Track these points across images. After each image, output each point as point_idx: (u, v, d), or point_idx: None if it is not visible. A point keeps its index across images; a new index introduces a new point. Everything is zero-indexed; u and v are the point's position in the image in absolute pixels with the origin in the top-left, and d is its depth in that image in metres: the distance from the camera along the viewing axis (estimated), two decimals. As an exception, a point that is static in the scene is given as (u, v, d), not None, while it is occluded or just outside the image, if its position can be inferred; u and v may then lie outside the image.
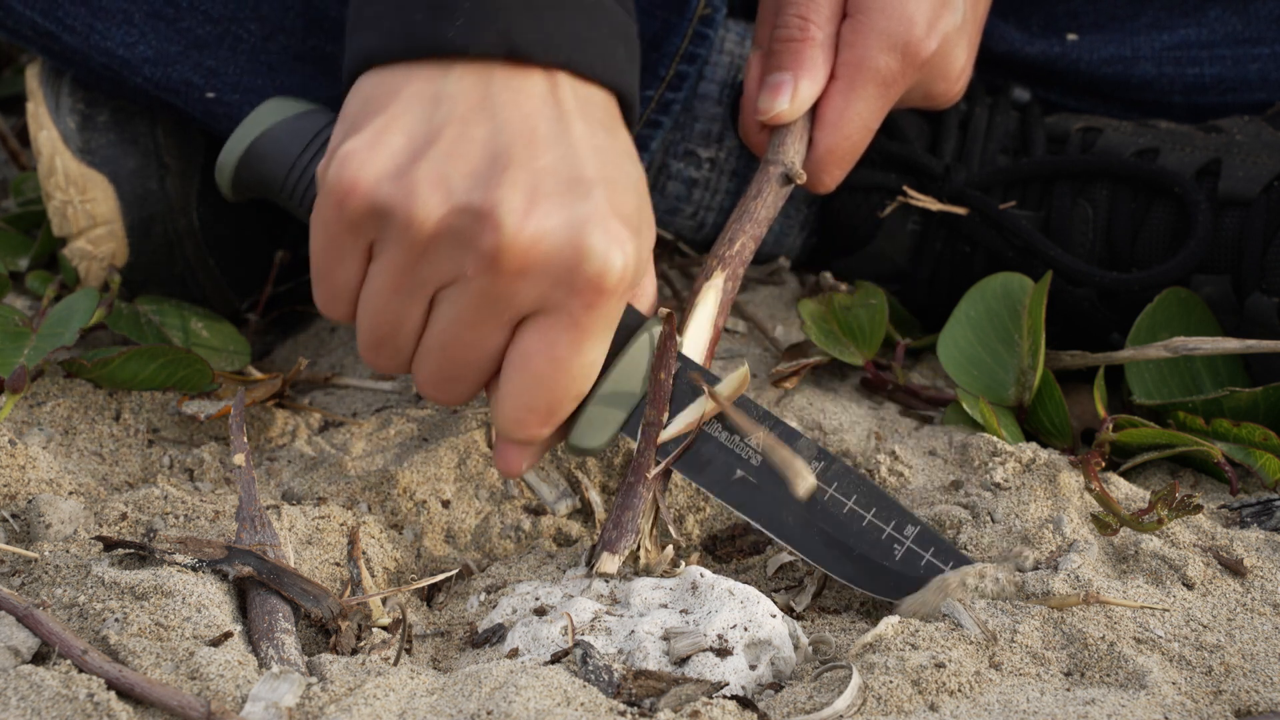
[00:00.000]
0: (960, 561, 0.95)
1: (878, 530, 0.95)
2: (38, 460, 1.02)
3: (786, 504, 0.95)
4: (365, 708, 0.81)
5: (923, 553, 0.95)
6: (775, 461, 0.95)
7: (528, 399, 0.92)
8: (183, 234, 1.25)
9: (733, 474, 0.96)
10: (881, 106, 1.11)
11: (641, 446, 0.96)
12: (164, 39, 1.18)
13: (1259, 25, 1.28)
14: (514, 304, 0.90)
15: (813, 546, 0.95)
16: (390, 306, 0.92)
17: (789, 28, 1.09)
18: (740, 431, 0.96)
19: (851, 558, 0.95)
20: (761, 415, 0.96)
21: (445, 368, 0.93)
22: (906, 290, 1.26)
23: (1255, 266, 1.15)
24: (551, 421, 0.94)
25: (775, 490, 0.95)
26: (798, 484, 0.94)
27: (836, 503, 0.95)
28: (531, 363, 0.91)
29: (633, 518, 0.95)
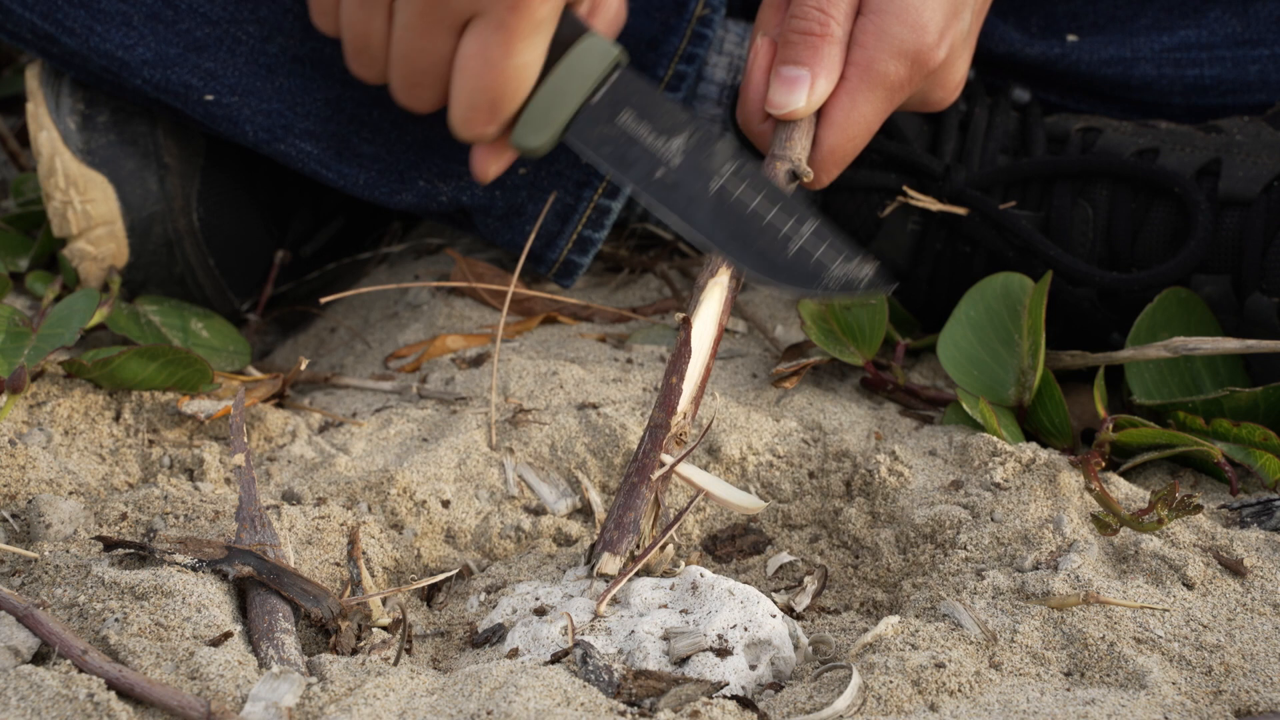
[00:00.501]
0: (851, 259, 1.01)
1: (776, 227, 1.02)
2: (38, 460, 1.02)
3: (698, 201, 1.03)
4: (365, 708, 0.81)
5: (814, 250, 1.01)
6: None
7: (470, 99, 1.04)
8: (183, 234, 1.25)
9: (654, 173, 1.04)
10: (886, 110, 1.10)
11: (646, 447, 0.96)
12: (163, 41, 1.18)
13: (1259, 27, 1.28)
14: (450, 9, 1.02)
15: (718, 238, 1.03)
16: (359, 17, 1.06)
17: (808, 19, 1.07)
18: (666, 134, 1.05)
19: (752, 250, 1.02)
20: (688, 119, 1.05)
21: (407, 74, 1.06)
22: (906, 290, 1.26)
23: (1255, 266, 1.15)
24: (495, 120, 1.05)
25: (691, 189, 1.04)
26: None
27: (742, 202, 1.03)
28: (469, 65, 1.03)
29: (634, 518, 0.95)
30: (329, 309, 1.33)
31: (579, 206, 1.22)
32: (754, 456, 1.08)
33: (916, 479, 1.06)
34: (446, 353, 1.21)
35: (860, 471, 1.07)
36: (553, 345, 1.21)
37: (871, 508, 1.05)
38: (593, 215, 1.22)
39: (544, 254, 1.24)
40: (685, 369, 0.96)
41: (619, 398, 1.12)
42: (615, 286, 1.32)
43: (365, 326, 1.30)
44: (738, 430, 1.09)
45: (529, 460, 1.08)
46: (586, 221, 1.23)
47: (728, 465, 1.07)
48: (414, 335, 1.25)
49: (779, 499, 1.07)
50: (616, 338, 1.24)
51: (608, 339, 1.23)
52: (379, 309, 1.32)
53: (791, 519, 1.05)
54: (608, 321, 1.27)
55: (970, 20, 1.11)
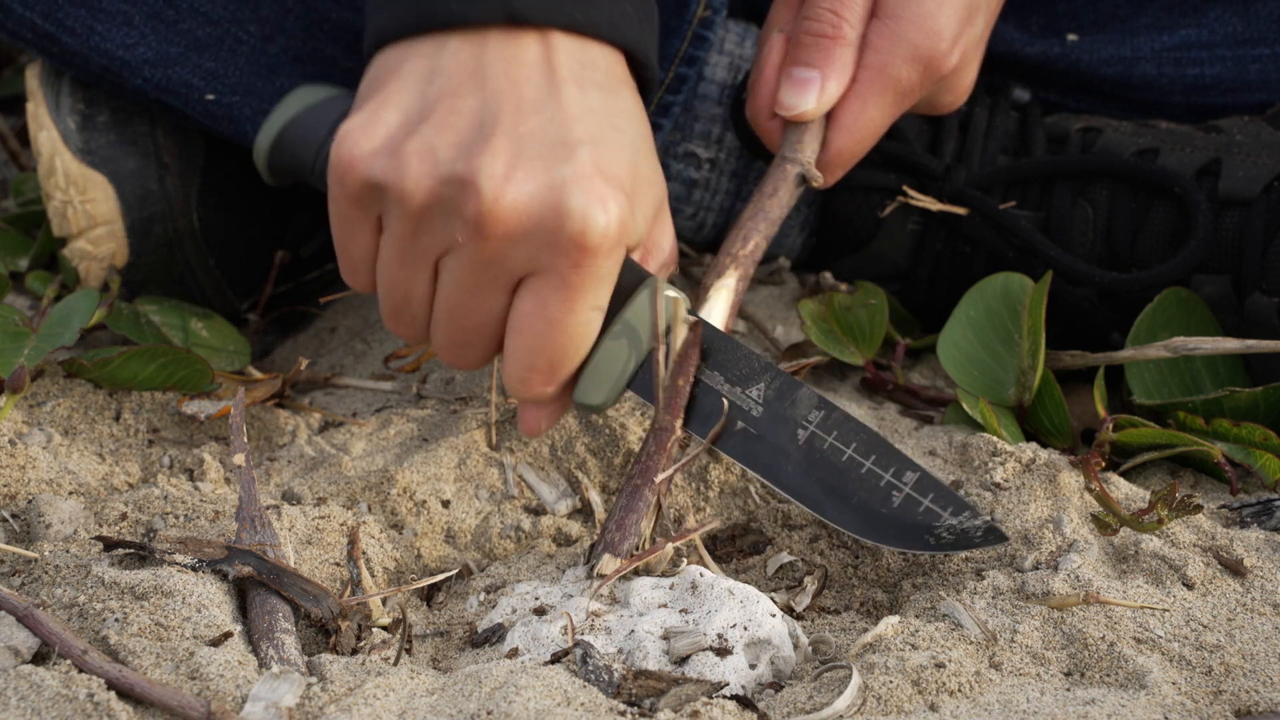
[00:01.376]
0: (960, 509, 0.94)
1: (876, 477, 0.95)
2: (38, 460, 1.02)
3: (786, 454, 0.96)
4: (365, 708, 0.81)
5: (921, 499, 0.95)
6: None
7: (528, 359, 0.95)
8: (183, 234, 1.25)
9: (734, 425, 0.97)
10: (896, 114, 1.10)
11: (651, 450, 0.96)
12: (164, 41, 1.18)
13: (1259, 26, 1.28)
14: (505, 268, 0.93)
15: (811, 495, 0.96)
16: (399, 276, 0.96)
17: (821, 21, 1.07)
18: (741, 383, 0.97)
19: (850, 505, 0.95)
20: (763, 366, 0.98)
21: (455, 334, 0.97)
22: (906, 290, 1.26)
23: (1255, 266, 1.15)
24: (554, 380, 0.96)
25: (775, 440, 0.96)
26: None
27: (835, 451, 0.96)
28: (527, 323, 0.94)
29: (636, 520, 0.95)
30: (329, 309, 1.33)
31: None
32: (754, 456, 1.08)
33: (916, 479, 1.06)
34: (446, 353, 1.21)
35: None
36: (553, 345, 1.21)
37: (871, 508, 1.05)
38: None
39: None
40: (690, 371, 0.96)
41: (619, 398, 1.12)
42: (615, 286, 1.32)
43: (365, 326, 1.30)
44: (738, 430, 1.09)
45: (529, 460, 1.08)
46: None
47: (728, 465, 1.07)
48: (414, 335, 1.25)
49: (779, 499, 1.07)
50: (616, 338, 1.24)
51: (608, 339, 1.23)
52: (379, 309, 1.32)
53: (791, 519, 1.05)
54: (608, 321, 1.26)
55: (983, 26, 1.11)
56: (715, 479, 1.07)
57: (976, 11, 1.09)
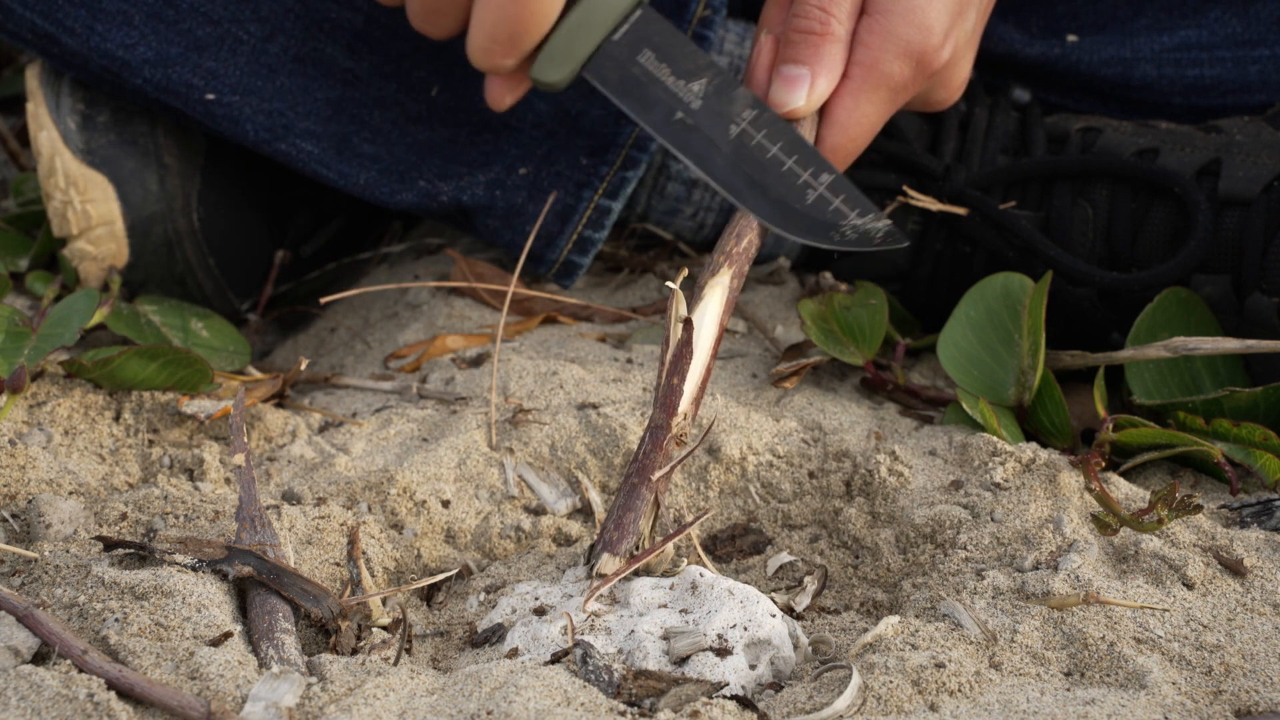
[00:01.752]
0: (867, 210, 1.01)
1: (795, 175, 1.03)
2: (38, 460, 1.02)
3: (717, 146, 1.04)
4: (365, 708, 0.81)
5: (832, 198, 1.02)
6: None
7: (491, 29, 1.04)
8: (183, 234, 1.25)
9: (673, 116, 1.05)
10: (889, 110, 1.10)
11: (647, 448, 0.96)
12: (164, 41, 1.18)
13: (1259, 27, 1.28)
14: None
15: (735, 185, 1.04)
16: None
17: (809, 18, 1.07)
18: (686, 76, 1.05)
19: (768, 197, 1.03)
20: (708, 64, 1.05)
21: (428, 1, 1.06)
22: (906, 290, 1.26)
23: (1255, 266, 1.15)
24: (514, 52, 1.05)
25: (709, 132, 1.04)
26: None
27: (762, 148, 1.03)
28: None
29: (634, 519, 0.95)
30: (329, 309, 1.33)
31: (579, 207, 1.22)
32: (754, 456, 1.08)
33: (916, 479, 1.06)
34: (446, 353, 1.21)
35: (860, 471, 1.07)
36: (553, 345, 1.21)
37: (871, 508, 1.05)
38: (593, 215, 1.22)
39: (544, 254, 1.24)
40: (686, 369, 0.96)
41: (619, 398, 1.12)
42: (615, 286, 1.32)
43: (365, 326, 1.30)
44: (738, 430, 1.09)
45: (529, 460, 1.08)
46: (587, 222, 1.23)
47: (728, 465, 1.07)
48: (414, 335, 1.25)
49: (779, 499, 1.07)
50: (616, 338, 1.24)
51: (608, 339, 1.23)
52: (379, 309, 1.32)
53: (791, 519, 1.05)
54: (608, 321, 1.27)
55: (975, 21, 1.11)
56: (715, 479, 1.07)
57: (968, 6, 1.09)
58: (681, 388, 0.96)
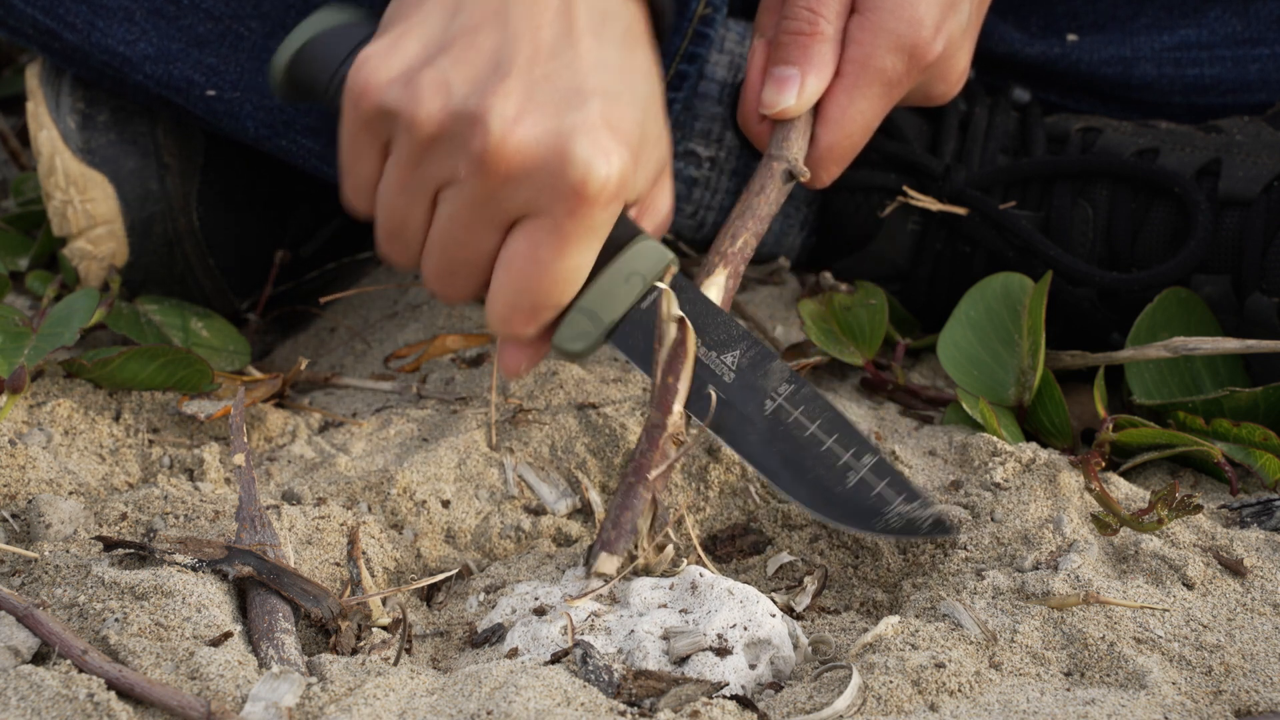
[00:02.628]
0: (912, 497, 0.96)
1: (834, 456, 0.97)
2: (38, 460, 1.02)
3: (752, 422, 0.98)
4: (365, 708, 0.81)
5: (875, 483, 0.97)
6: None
7: (513, 299, 0.97)
8: (183, 234, 1.25)
9: (704, 389, 0.99)
10: (884, 106, 1.10)
11: (643, 447, 0.96)
12: (165, 36, 1.18)
13: (1259, 26, 1.28)
14: (503, 207, 0.95)
15: (770, 465, 0.98)
16: (399, 202, 0.98)
17: (797, 20, 1.08)
18: (718, 348, 0.99)
19: (805, 479, 0.97)
20: (740, 334, 1.00)
21: (445, 265, 0.99)
22: (906, 290, 1.26)
23: (1255, 266, 1.15)
24: (535, 322, 0.98)
25: (743, 408, 0.98)
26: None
27: (799, 425, 0.98)
28: (517, 264, 0.96)
29: (631, 518, 0.95)
30: (329, 309, 1.33)
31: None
32: (754, 456, 1.08)
33: (916, 479, 1.06)
34: (446, 353, 1.21)
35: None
36: (553, 345, 1.21)
37: (871, 508, 1.05)
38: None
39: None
40: (681, 369, 0.96)
41: (619, 398, 1.12)
42: (615, 286, 1.32)
43: (365, 326, 1.30)
44: (738, 430, 1.09)
45: (529, 460, 1.08)
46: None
47: (728, 465, 1.07)
48: (414, 335, 1.25)
49: (779, 499, 1.07)
50: (616, 337, 1.24)
51: (608, 339, 1.23)
52: (379, 309, 1.32)
53: (791, 519, 1.05)
54: (608, 321, 1.26)
55: (969, 12, 1.11)
56: (715, 479, 1.07)
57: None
58: (676, 387, 0.96)
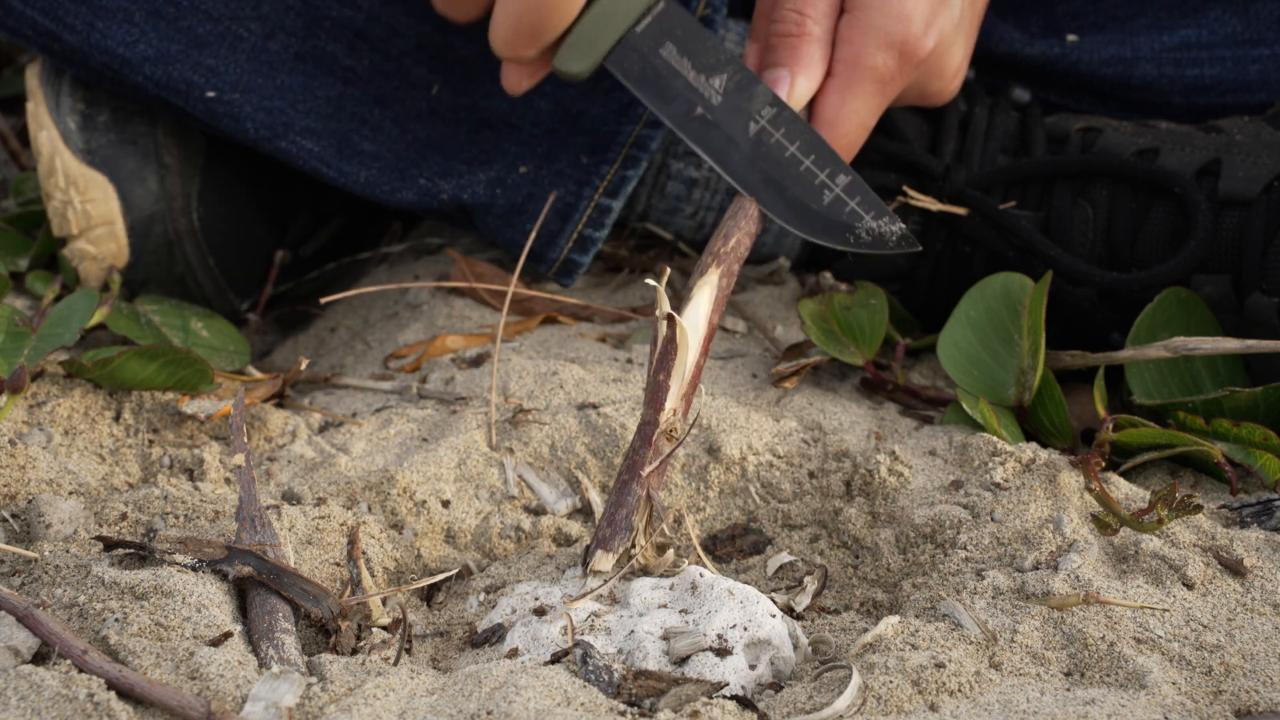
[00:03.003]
0: (882, 213, 1.02)
1: (812, 175, 1.04)
2: (38, 460, 1.02)
3: (736, 143, 1.04)
4: (365, 708, 0.81)
5: (848, 200, 1.03)
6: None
7: (516, 20, 1.04)
8: (183, 234, 1.25)
9: (693, 110, 1.05)
10: (878, 104, 1.11)
11: (636, 444, 0.96)
12: (164, 38, 1.18)
13: (1259, 26, 1.28)
14: None
15: (752, 183, 1.04)
16: None
17: (785, 22, 1.09)
18: (707, 71, 1.05)
19: (784, 197, 1.04)
20: (729, 59, 1.05)
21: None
22: (906, 290, 1.26)
23: (1255, 266, 1.15)
24: (534, 43, 1.06)
25: (729, 129, 1.04)
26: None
27: (780, 146, 1.04)
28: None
29: (626, 515, 0.95)
30: (329, 309, 1.33)
31: (579, 205, 1.22)
32: (754, 456, 1.08)
33: (916, 479, 1.06)
34: (446, 353, 1.21)
35: (860, 471, 1.07)
36: (553, 345, 1.21)
37: (871, 508, 1.05)
38: (593, 214, 1.22)
39: (544, 253, 1.24)
40: (672, 366, 0.96)
41: (619, 398, 1.12)
42: (615, 286, 1.32)
43: (365, 326, 1.30)
44: (738, 430, 1.09)
45: (529, 460, 1.08)
46: (587, 220, 1.23)
47: (728, 465, 1.07)
48: (414, 335, 1.25)
49: (779, 499, 1.07)
50: (616, 338, 1.24)
51: (608, 339, 1.23)
52: (379, 309, 1.32)
53: (791, 519, 1.05)
54: (608, 321, 1.27)
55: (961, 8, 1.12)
56: (715, 479, 1.07)
57: None
58: (668, 384, 0.96)
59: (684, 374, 0.97)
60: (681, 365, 0.97)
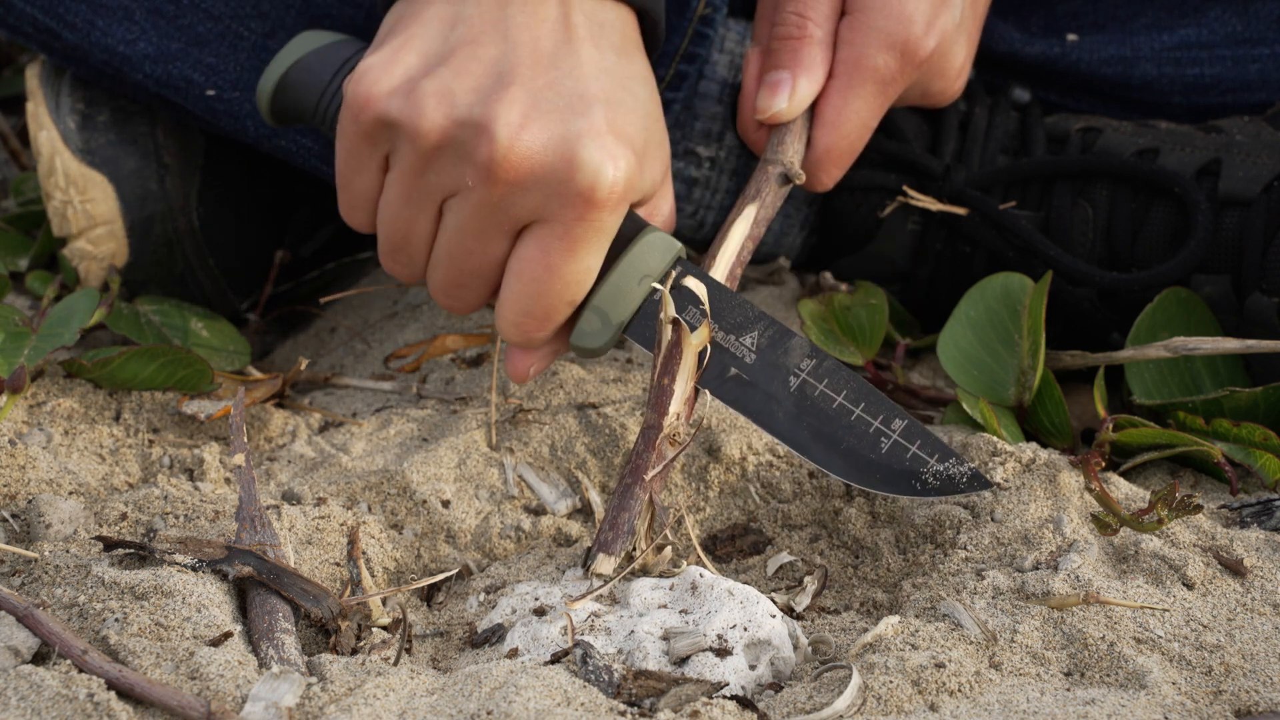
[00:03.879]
0: (947, 455, 0.97)
1: (865, 424, 0.98)
2: (38, 460, 1.02)
3: (778, 400, 0.99)
4: (365, 708, 0.81)
5: (909, 445, 0.98)
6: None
7: (524, 304, 0.98)
8: (183, 234, 1.25)
9: (727, 372, 1.00)
10: (880, 105, 1.11)
11: (639, 448, 0.96)
12: (164, 36, 1.18)
13: (1259, 26, 1.28)
14: (511, 214, 0.95)
15: (801, 440, 0.99)
16: (402, 215, 0.98)
17: (787, 25, 1.09)
18: (736, 330, 1.00)
19: (839, 450, 0.98)
20: (757, 315, 1.00)
21: (453, 275, 0.99)
22: (906, 290, 1.26)
23: (1255, 266, 1.15)
24: (546, 326, 0.99)
25: (767, 387, 0.99)
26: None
27: (826, 398, 0.99)
28: (527, 270, 0.97)
29: (629, 519, 0.95)
30: (329, 309, 1.33)
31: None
32: (754, 456, 1.08)
33: (916, 479, 1.06)
34: (446, 353, 1.21)
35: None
36: (553, 345, 1.21)
37: (871, 508, 1.05)
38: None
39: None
40: (677, 370, 0.96)
41: (619, 398, 1.12)
42: (615, 286, 1.32)
43: (365, 326, 1.30)
44: (737, 430, 1.09)
45: (529, 460, 1.08)
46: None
47: (728, 465, 1.07)
48: (414, 335, 1.25)
49: (779, 499, 1.07)
50: (616, 337, 1.24)
51: (608, 339, 1.23)
52: (379, 309, 1.32)
53: (791, 519, 1.05)
54: (608, 321, 1.26)
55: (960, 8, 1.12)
56: (715, 479, 1.07)
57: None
58: (672, 388, 0.96)
59: (688, 378, 0.97)
60: (686, 369, 0.97)
